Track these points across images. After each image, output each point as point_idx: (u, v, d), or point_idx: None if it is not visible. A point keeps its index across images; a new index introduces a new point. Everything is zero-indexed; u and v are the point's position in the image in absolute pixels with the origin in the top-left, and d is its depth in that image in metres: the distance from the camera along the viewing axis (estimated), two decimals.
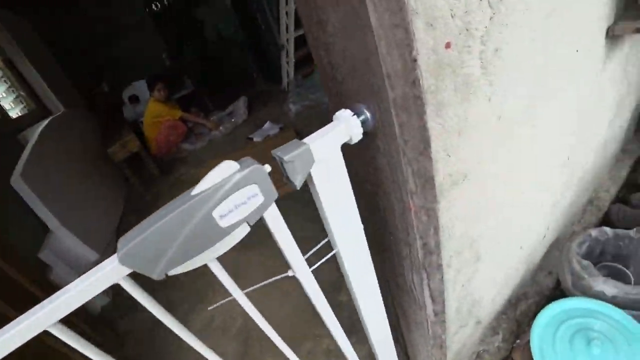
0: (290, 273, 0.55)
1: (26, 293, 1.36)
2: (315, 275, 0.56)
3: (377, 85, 0.43)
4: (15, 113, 2.61)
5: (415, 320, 0.88)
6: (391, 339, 0.81)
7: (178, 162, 3.65)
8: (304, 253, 0.52)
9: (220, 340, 1.55)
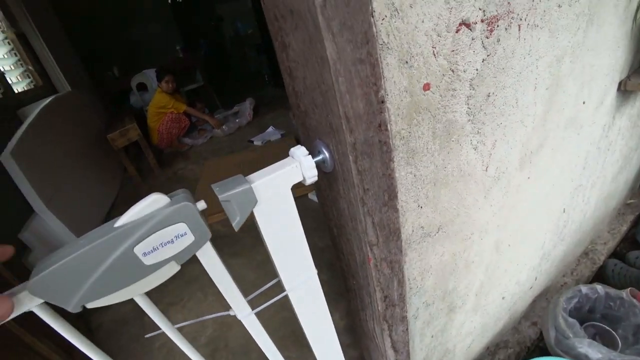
0: (231, 313, 0.50)
1: None
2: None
3: (335, 125, 0.38)
4: (20, 87, 2.60)
5: None
6: None
7: (178, 156, 3.64)
8: (263, 275, 0.47)
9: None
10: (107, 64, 4.27)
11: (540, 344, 1.22)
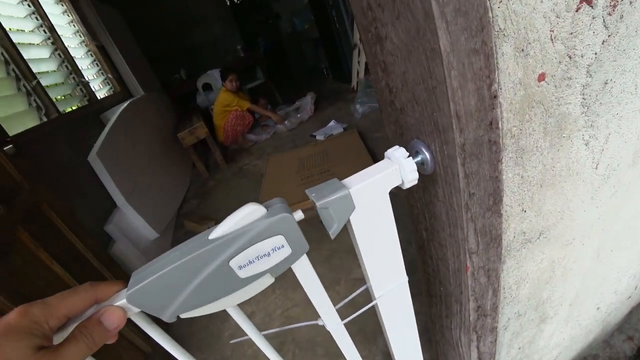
0: (319, 322, 0.49)
1: (87, 264, 1.45)
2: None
3: (443, 124, 0.35)
4: (102, 94, 2.86)
5: None
6: None
7: (242, 152, 3.77)
8: (329, 271, 0.45)
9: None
10: (175, 68, 4.55)
11: None
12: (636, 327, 1.17)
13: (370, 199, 0.38)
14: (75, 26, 2.79)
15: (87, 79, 2.65)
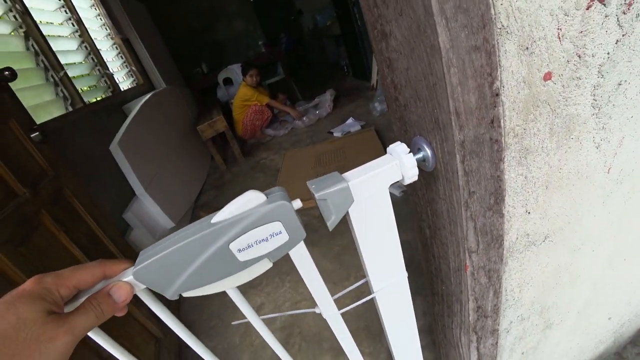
0: (317, 310, 0.50)
1: (105, 249, 1.51)
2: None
3: (443, 120, 0.35)
4: (125, 85, 2.94)
5: None
6: None
7: (260, 147, 3.82)
8: (339, 267, 0.46)
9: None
10: (196, 62, 4.63)
11: None
12: None
13: (370, 193, 0.38)
14: (101, 19, 2.87)
15: (112, 71, 2.73)
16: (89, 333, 0.35)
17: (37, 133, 1.31)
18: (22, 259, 0.98)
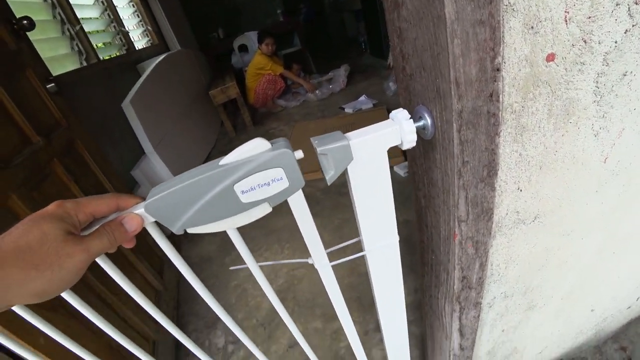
0: (309, 261, 0.53)
1: None
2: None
3: (443, 89, 0.37)
4: (140, 45, 2.93)
5: (440, 346, 0.81)
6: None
7: (270, 116, 3.84)
8: (338, 239, 0.49)
9: (258, 291, 1.63)
10: (213, 26, 4.58)
11: None
12: (632, 339, 1.16)
13: (369, 154, 0.41)
14: None
15: (127, 29, 2.73)
16: (101, 264, 0.39)
17: (53, 84, 1.33)
18: (34, 204, 1.02)
